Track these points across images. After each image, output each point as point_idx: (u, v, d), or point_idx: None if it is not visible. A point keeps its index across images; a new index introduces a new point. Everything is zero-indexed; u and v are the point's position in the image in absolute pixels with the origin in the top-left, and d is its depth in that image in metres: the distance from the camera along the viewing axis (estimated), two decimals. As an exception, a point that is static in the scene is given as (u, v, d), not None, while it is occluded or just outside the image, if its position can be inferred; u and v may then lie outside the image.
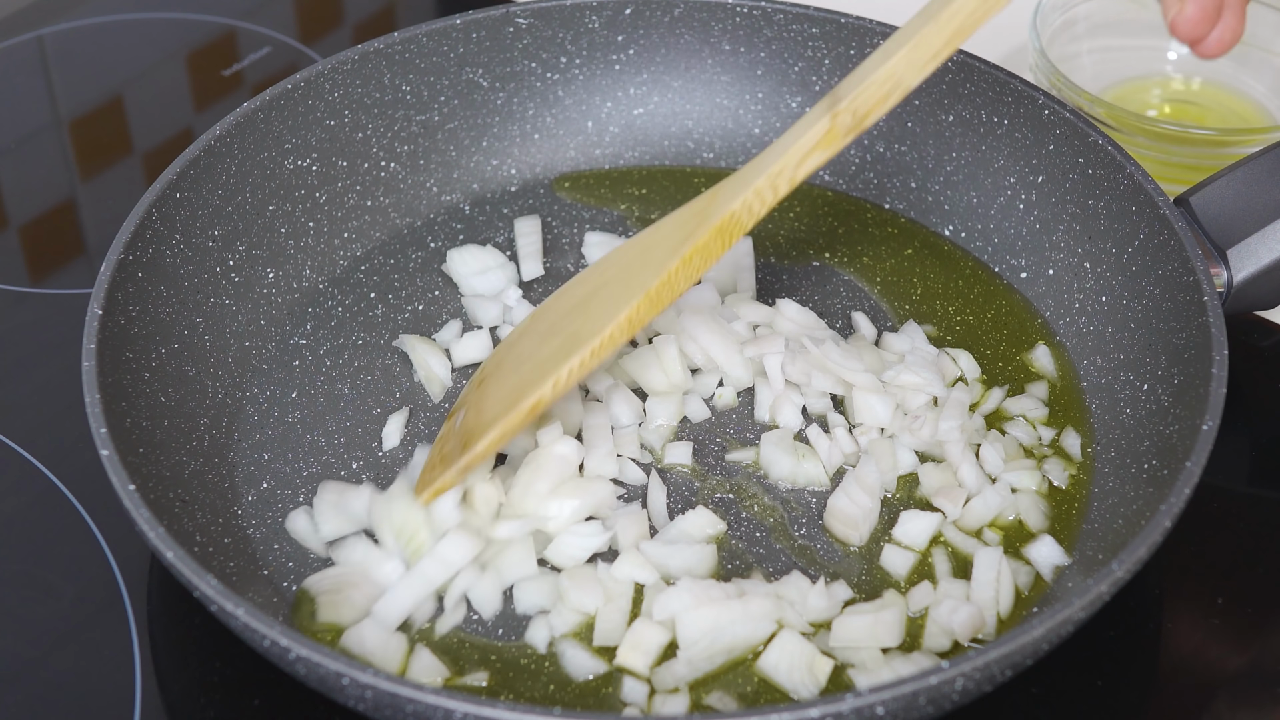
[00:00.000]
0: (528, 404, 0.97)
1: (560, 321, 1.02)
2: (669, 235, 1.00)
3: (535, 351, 1.01)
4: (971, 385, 1.10)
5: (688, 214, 1.00)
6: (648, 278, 0.98)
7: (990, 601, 0.97)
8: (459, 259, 1.18)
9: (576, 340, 0.98)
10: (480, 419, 1.00)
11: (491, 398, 1.01)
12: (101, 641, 0.98)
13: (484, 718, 0.81)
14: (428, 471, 1.00)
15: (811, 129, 0.95)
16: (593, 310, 1.00)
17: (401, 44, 1.20)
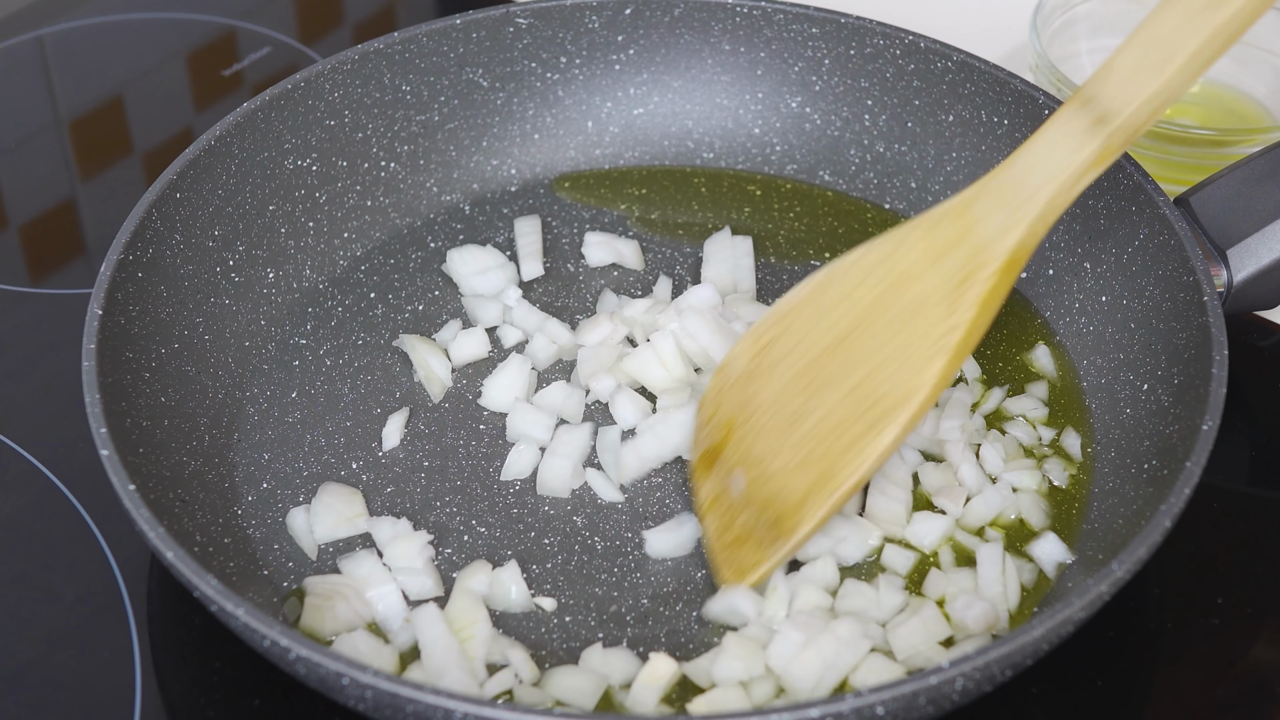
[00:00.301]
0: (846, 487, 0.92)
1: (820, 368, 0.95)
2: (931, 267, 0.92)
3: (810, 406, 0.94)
4: (971, 385, 1.10)
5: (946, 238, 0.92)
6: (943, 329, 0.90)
7: (999, 597, 0.97)
8: (459, 259, 1.18)
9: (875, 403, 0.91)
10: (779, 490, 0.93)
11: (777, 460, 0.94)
12: (101, 641, 0.98)
13: (484, 718, 0.81)
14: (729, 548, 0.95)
15: (1082, 150, 0.89)
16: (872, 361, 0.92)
17: (401, 44, 1.20)
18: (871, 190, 1.24)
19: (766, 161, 1.26)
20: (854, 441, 0.92)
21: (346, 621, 0.95)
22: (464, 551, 1.01)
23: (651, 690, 0.92)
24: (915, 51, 1.20)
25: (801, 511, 0.93)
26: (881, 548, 1.00)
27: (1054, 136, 0.91)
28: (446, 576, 0.99)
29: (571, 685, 0.93)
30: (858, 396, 0.92)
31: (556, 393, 1.09)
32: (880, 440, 0.91)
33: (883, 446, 0.91)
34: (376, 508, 1.03)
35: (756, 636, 0.94)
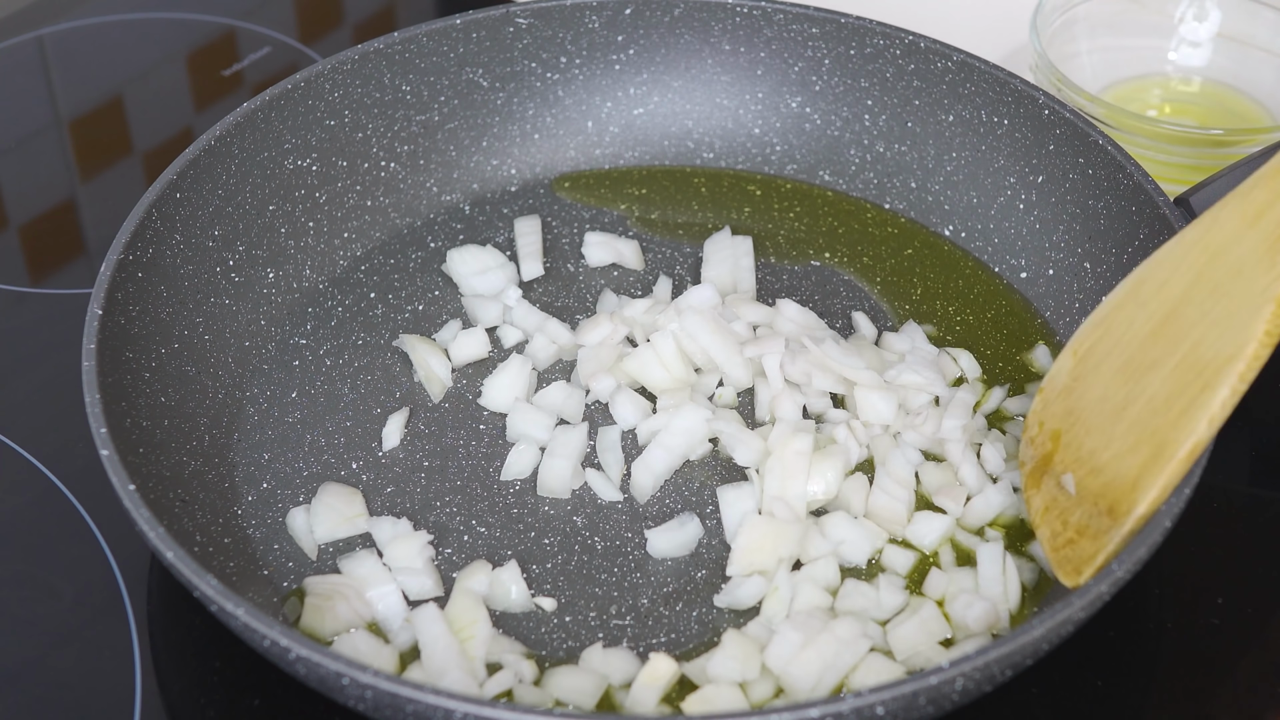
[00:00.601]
0: (1185, 450, 0.89)
1: (1143, 354, 0.93)
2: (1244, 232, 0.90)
3: (1136, 392, 0.92)
4: (972, 384, 1.10)
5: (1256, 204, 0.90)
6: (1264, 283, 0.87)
7: (1000, 596, 0.97)
8: (459, 259, 1.18)
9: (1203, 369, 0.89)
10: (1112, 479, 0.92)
11: (1106, 453, 0.93)
12: (101, 641, 0.98)
13: (484, 717, 0.81)
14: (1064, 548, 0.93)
15: None
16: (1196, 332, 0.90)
17: (401, 44, 1.20)
18: (871, 190, 1.24)
19: (766, 161, 1.26)
20: (1185, 410, 0.89)
21: (346, 621, 0.95)
22: (464, 551, 1.01)
23: (651, 690, 0.92)
24: (915, 51, 1.20)
25: (1137, 491, 0.90)
26: (882, 547, 1.00)
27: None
28: (446, 576, 0.99)
29: (571, 685, 0.93)
30: (1184, 369, 0.90)
31: (556, 393, 1.09)
32: (1213, 400, 0.88)
33: (1217, 405, 0.88)
34: (376, 508, 1.03)
35: (756, 636, 0.94)
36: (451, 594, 0.97)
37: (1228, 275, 0.90)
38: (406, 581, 0.98)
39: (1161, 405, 0.91)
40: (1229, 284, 0.90)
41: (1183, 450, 0.89)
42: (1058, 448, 0.97)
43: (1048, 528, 0.95)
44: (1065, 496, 0.95)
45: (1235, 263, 0.90)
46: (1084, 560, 0.92)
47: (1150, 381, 0.92)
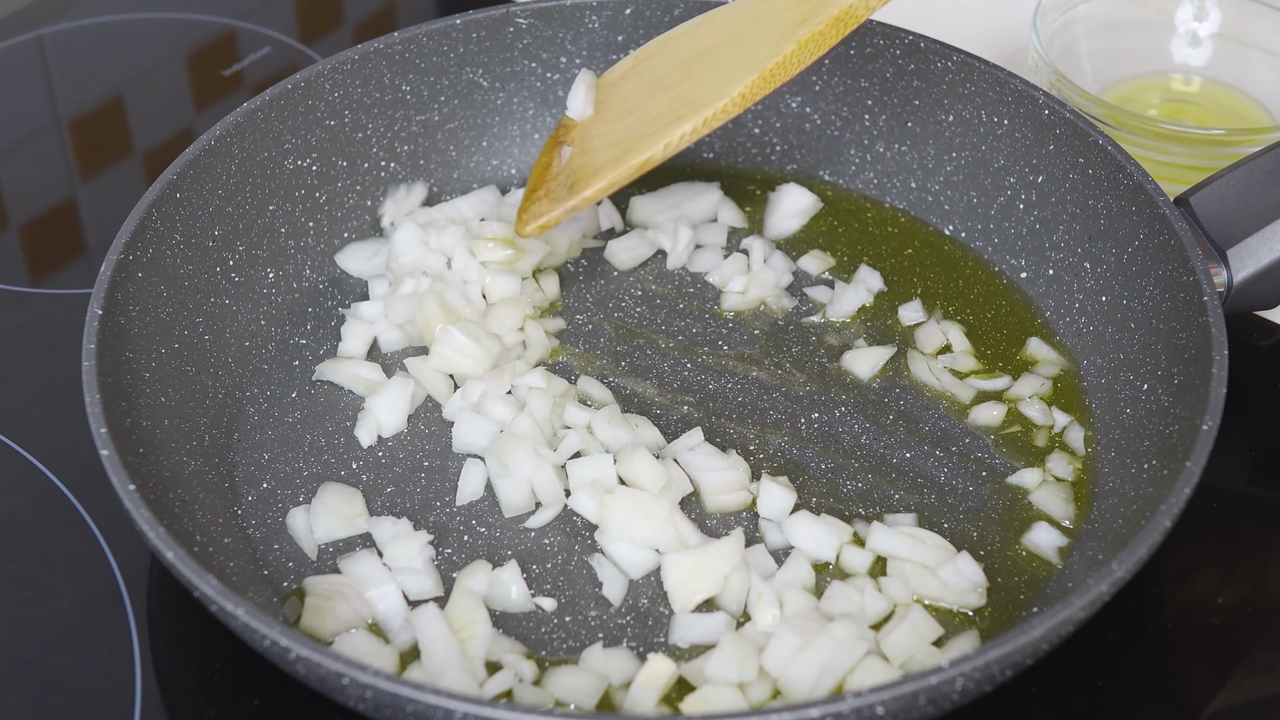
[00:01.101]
0: (638, 160, 1.02)
1: (668, 76, 1.06)
2: (786, 10, 1.01)
3: (643, 103, 1.05)
4: (959, 356, 1.11)
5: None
6: (763, 55, 1.00)
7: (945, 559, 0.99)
8: (350, 255, 1.18)
9: (688, 103, 1.02)
10: (588, 162, 1.05)
11: (598, 141, 1.06)
12: (101, 641, 0.98)
13: (484, 718, 0.81)
14: (530, 202, 1.05)
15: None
16: (704, 74, 1.03)
17: (401, 44, 1.20)
18: (871, 190, 1.24)
19: (766, 161, 1.26)
20: (656, 130, 1.03)
21: (346, 621, 0.95)
22: (464, 551, 1.01)
23: (650, 690, 0.92)
24: (915, 51, 1.20)
25: (594, 178, 1.04)
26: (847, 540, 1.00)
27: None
28: (446, 576, 0.99)
29: (571, 685, 0.93)
30: (679, 99, 1.03)
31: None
32: (677, 129, 1.02)
33: (678, 134, 1.02)
34: (376, 508, 1.03)
35: (753, 638, 0.94)
36: (451, 594, 0.97)
37: (751, 37, 1.03)
38: (406, 581, 0.98)
39: (648, 120, 1.04)
40: (747, 45, 1.02)
41: (636, 159, 1.03)
42: (578, 125, 1.09)
43: (532, 183, 1.08)
44: (557, 163, 1.08)
45: (763, 30, 1.02)
46: (539, 215, 1.06)
47: (656, 100, 1.05)
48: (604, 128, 1.06)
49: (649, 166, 1.02)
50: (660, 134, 1.02)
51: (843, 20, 1.00)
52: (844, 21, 1.00)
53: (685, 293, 1.18)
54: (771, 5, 1.03)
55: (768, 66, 1.00)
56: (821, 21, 1.00)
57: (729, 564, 0.97)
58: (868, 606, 0.96)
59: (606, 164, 1.04)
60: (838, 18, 0.99)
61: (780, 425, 1.08)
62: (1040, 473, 1.05)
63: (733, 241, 1.22)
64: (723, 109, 1.01)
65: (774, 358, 1.13)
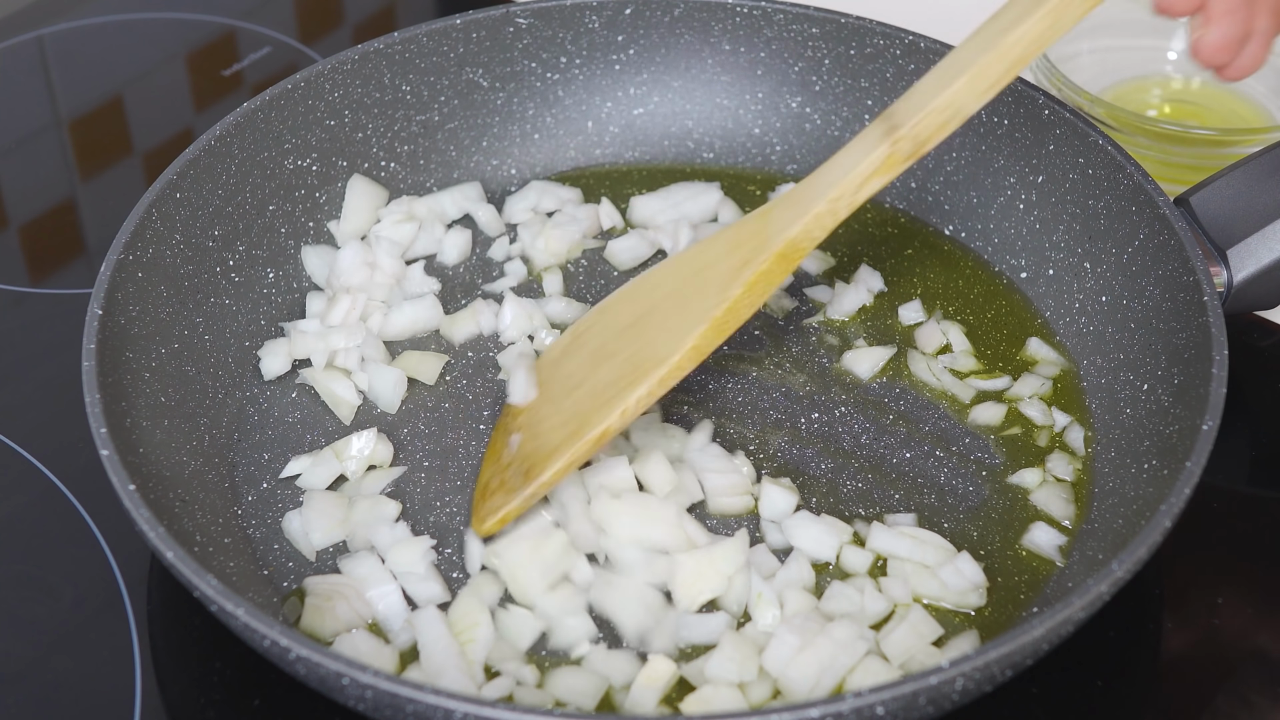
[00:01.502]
0: (595, 434, 0.97)
1: (612, 343, 1.02)
2: (725, 257, 0.99)
3: (589, 375, 1.01)
4: (959, 356, 1.11)
5: (743, 234, 1.00)
6: (710, 304, 0.98)
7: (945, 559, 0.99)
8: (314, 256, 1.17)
9: (639, 367, 0.98)
10: (540, 445, 0.99)
11: (548, 422, 1.01)
12: (101, 641, 0.98)
13: (484, 718, 0.81)
14: (484, 499, 1.00)
15: (870, 154, 0.95)
16: (651, 334, 1.00)
17: (401, 44, 1.20)
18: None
19: (766, 161, 1.26)
20: (610, 399, 0.98)
21: (347, 621, 0.95)
22: (464, 552, 1.01)
23: (651, 691, 0.92)
24: (915, 51, 1.20)
25: (549, 460, 0.98)
26: (847, 540, 1.00)
27: (852, 148, 0.97)
28: (446, 576, 0.99)
29: (572, 685, 0.93)
30: (628, 364, 0.99)
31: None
32: (631, 394, 0.97)
33: (632, 400, 0.97)
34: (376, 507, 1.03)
35: (753, 638, 0.94)
36: (458, 595, 0.97)
37: (694, 291, 1.00)
38: (414, 588, 0.97)
39: (600, 391, 0.99)
40: (691, 299, 0.99)
41: (592, 433, 0.97)
42: (524, 410, 1.04)
43: (485, 477, 1.02)
44: (507, 452, 1.02)
45: (704, 281, 0.99)
46: (494, 510, 0.99)
47: (604, 369, 1.01)
48: (551, 407, 1.02)
49: (606, 439, 0.97)
50: (613, 403, 0.98)
51: (787, 255, 0.98)
52: (789, 256, 0.98)
53: (685, 293, 1.18)
54: (707, 255, 1.01)
55: (717, 314, 0.97)
56: (765, 261, 0.97)
57: (734, 565, 0.97)
58: (868, 606, 0.96)
59: (561, 443, 0.98)
60: (782, 253, 0.97)
61: (780, 425, 1.08)
62: (1040, 473, 1.05)
63: (733, 241, 1.22)
64: (677, 365, 0.97)
65: (774, 358, 1.13)
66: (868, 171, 0.96)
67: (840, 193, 0.96)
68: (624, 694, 0.93)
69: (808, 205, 0.98)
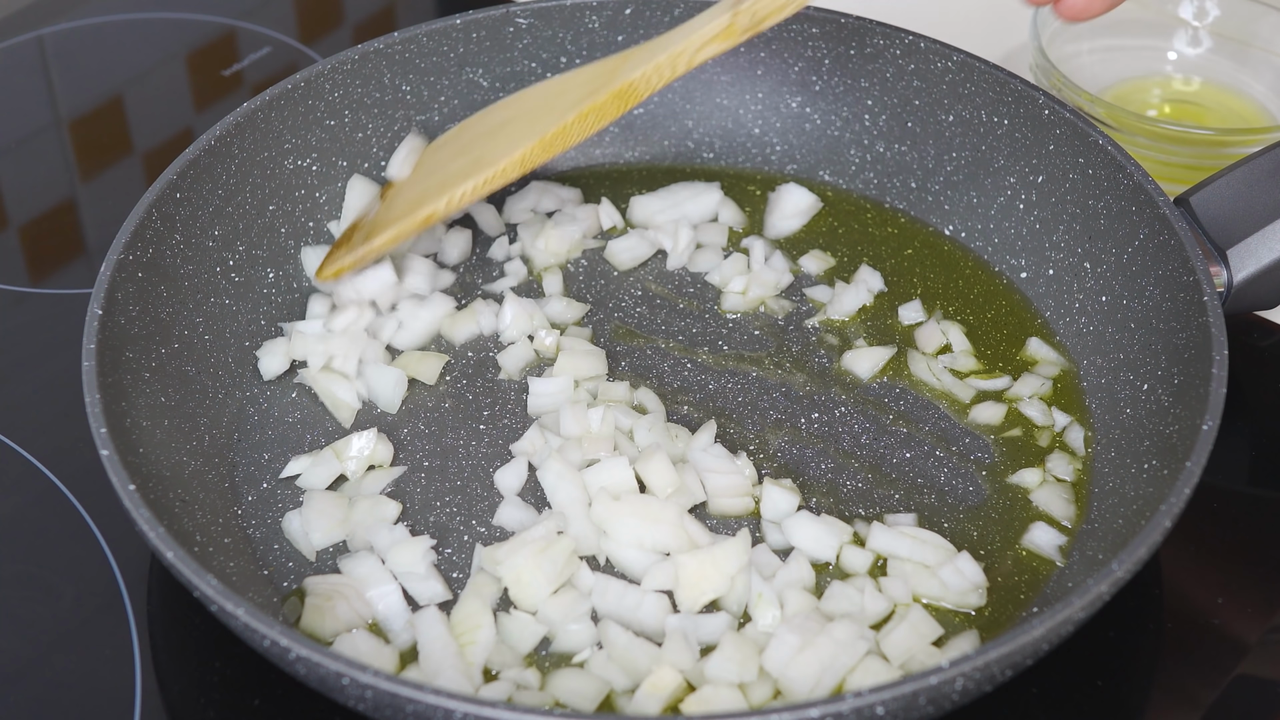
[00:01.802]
0: (422, 214, 1.09)
1: (473, 142, 1.13)
2: (575, 88, 1.09)
3: (445, 164, 1.13)
4: (959, 356, 1.12)
5: (596, 71, 1.09)
6: (547, 123, 1.08)
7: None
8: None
9: (477, 164, 1.09)
10: (384, 217, 1.12)
11: (400, 198, 1.13)
12: (101, 641, 0.98)
13: (484, 718, 0.81)
14: (335, 249, 1.13)
15: (713, 21, 1.04)
16: (499, 140, 1.10)
17: (401, 44, 1.20)
18: (871, 190, 1.24)
19: (766, 161, 1.26)
20: (444, 186, 1.10)
21: (347, 621, 0.95)
22: (464, 551, 1.01)
23: (655, 700, 0.91)
24: (915, 51, 1.20)
25: (382, 229, 1.11)
26: (847, 540, 1.00)
27: (702, 16, 1.06)
28: (446, 576, 0.99)
29: (573, 688, 0.93)
30: (474, 160, 1.10)
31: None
32: (459, 187, 1.09)
33: (459, 192, 1.09)
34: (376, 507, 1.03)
35: (754, 638, 0.94)
36: (461, 596, 0.97)
37: (541, 110, 1.10)
38: (414, 587, 0.97)
39: (442, 180, 1.11)
40: (542, 113, 1.10)
41: (421, 213, 1.10)
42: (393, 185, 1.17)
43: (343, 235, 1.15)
44: (365, 218, 1.15)
45: (552, 104, 1.10)
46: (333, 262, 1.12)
47: (457, 161, 1.12)
48: (409, 188, 1.14)
49: (433, 221, 1.09)
50: (446, 191, 1.09)
51: (623, 95, 1.06)
52: (624, 96, 1.06)
53: (685, 293, 1.18)
54: (566, 84, 1.11)
55: (548, 134, 1.07)
56: (603, 95, 1.06)
57: (736, 564, 0.97)
58: (868, 606, 0.96)
59: (396, 218, 1.11)
60: (618, 92, 1.06)
61: (780, 425, 1.08)
62: (1040, 473, 1.05)
63: (733, 241, 1.22)
64: (502, 170, 1.08)
65: (774, 358, 1.13)
66: (708, 36, 1.05)
67: (681, 49, 1.05)
68: (626, 698, 0.93)
69: (651, 56, 1.06)
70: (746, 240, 1.21)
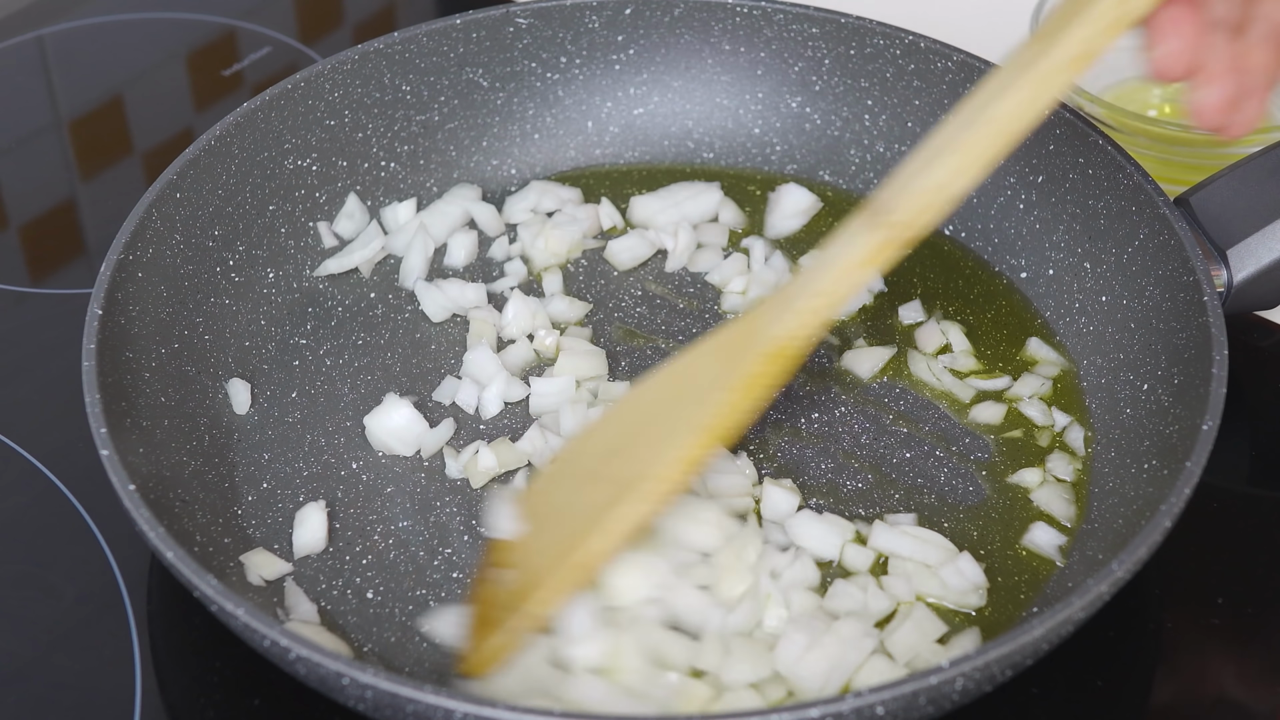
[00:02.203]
0: (575, 559, 0.92)
1: (600, 466, 0.96)
2: (710, 364, 0.95)
3: (576, 500, 0.95)
4: (959, 356, 1.12)
5: (728, 339, 0.95)
6: (695, 413, 0.93)
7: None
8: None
9: (626, 485, 0.93)
10: (529, 573, 0.93)
11: (535, 555, 0.94)
12: (101, 641, 0.98)
13: (484, 718, 0.81)
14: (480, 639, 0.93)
15: (855, 242, 0.91)
16: (639, 451, 0.94)
17: (401, 44, 1.20)
18: (871, 190, 1.24)
19: (766, 161, 1.26)
20: (596, 520, 0.92)
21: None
22: (464, 552, 1.01)
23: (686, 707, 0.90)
24: (915, 51, 1.20)
25: (538, 591, 0.92)
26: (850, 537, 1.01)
27: (838, 240, 0.93)
28: (447, 577, 0.99)
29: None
30: (619, 482, 0.93)
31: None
32: (612, 516, 0.92)
33: (614, 522, 0.92)
34: (376, 507, 1.03)
35: (764, 640, 0.94)
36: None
37: (682, 401, 0.94)
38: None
39: (588, 513, 0.93)
40: (681, 410, 0.94)
41: (578, 560, 0.91)
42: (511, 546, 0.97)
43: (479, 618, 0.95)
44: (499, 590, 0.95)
45: (693, 391, 0.94)
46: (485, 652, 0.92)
47: (589, 493, 0.94)
48: (536, 539, 0.95)
49: (594, 561, 0.91)
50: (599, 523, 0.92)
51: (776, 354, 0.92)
52: (777, 355, 0.92)
53: (685, 293, 1.18)
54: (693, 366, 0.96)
55: (702, 423, 0.92)
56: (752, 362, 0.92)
57: (755, 552, 0.97)
58: (870, 604, 0.96)
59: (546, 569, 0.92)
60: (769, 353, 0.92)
61: (780, 425, 1.08)
62: (1040, 473, 1.05)
63: (733, 241, 1.22)
64: (663, 477, 0.92)
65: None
66: (854, 261, 0.91)
67: (826, 286, 0.92)
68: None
69: (792, 300, 0.93)
70: (746, 240, 1.21)
